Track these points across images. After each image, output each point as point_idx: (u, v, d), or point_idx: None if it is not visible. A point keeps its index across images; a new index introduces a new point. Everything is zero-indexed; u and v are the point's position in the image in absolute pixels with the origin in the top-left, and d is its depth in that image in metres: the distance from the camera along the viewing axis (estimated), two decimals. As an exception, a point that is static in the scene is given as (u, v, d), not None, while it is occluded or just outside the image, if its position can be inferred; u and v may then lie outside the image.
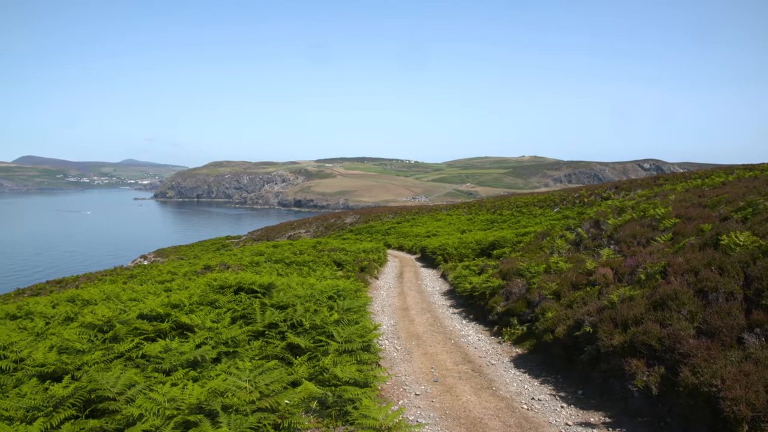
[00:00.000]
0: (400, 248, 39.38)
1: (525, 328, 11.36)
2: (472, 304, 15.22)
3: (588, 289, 10.32)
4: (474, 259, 23.54)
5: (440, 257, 26.39)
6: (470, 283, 15.98)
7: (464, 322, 13.80)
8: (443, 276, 22.34)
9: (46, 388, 5.74)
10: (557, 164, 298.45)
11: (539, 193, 63.92)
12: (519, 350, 10.72)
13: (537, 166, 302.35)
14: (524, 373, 9.27)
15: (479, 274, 17.48)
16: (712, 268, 8.09)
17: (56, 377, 6.30)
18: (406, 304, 16.40)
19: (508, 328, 11.79)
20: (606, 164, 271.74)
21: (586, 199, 40.67)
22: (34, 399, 5.50)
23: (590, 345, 8.21)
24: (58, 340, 7.25)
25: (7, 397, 5.74)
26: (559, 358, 9.24)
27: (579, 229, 16.53)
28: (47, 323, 9.30)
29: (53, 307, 11.33)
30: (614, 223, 15.02)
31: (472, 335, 12.23)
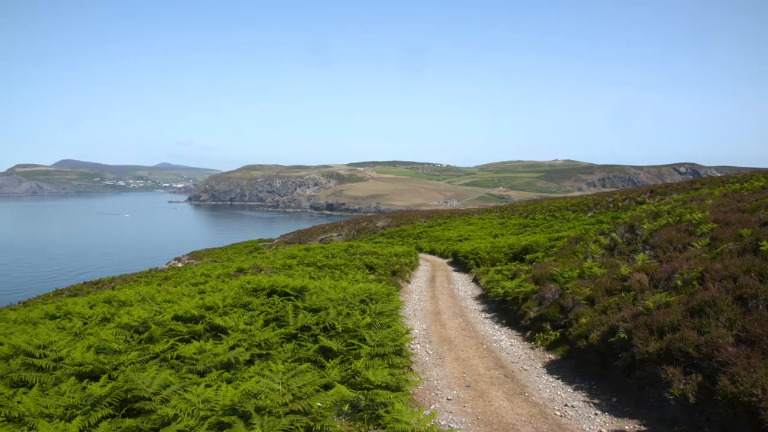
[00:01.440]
0: (432, 252, 39.29)
1: (558, 334, 11.25)
2: (504, 309, 15.12)
3: (623, 294, 10.18)
4: (506, 264, 23.38)
5: (472, 261, 26.27)
6: (503, 288, 15.88)
7: (496, 326, 13.72)
8: (475, 280, 22.23)
9: (84, 387, 5.83)
10: (591, 168, 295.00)
11: (572, 198, 63.23)
12: (552, 356, 10.61)
13: (570, 170, 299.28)
14: (557, 379, 9.18)
15: (512, 278, 17.36)
16: (752, 274, 7.93)
17: (94, 376, 6.40)
18: (437, 308, 16.35)
19: (541, 334, 11.69)
20: (641, 168, 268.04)
21: (620, 204, 40.12)
22: (73, 397, 5.59)
23: (625, 352, 8.10)
24: (96, 340, 7.37)
25: (47, 395, 5.85)
26: (592, 364, 9.13)
27: (613, 234, 16.32)
28: (85, 323, 9.45)
29: (91, 308, 11.51)
30: (649, 227, 14.80)
31: (505, 340, 12.16)
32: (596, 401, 7.94)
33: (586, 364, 9.34)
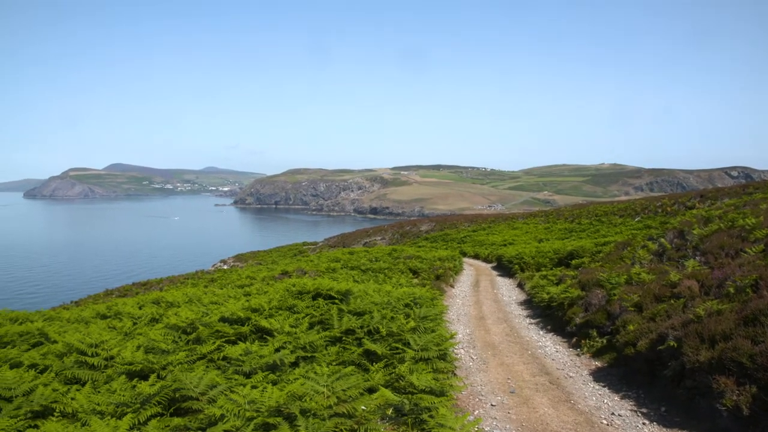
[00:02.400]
0: (476, 257, 39.09)
1: (605, 341, 11.07)
2: (549, 315, 14.95)
3: (672, 301, 9.97)
4: (551, 269, 23.13)
5: (517, 266, 26.06)
6: (548, 293, 15.71)
7: (541, 332, 13.56)
8: (520, 285, 22.03)
9: (134, 386, 5.96)
10: (638, 172, 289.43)
11: (619, 202, 62.17)
12: (598, 363, 10.44)
13: (617, 174, 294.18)
14: (604, 387, 9.03)
15: (557, 284, 17.16)
16: (809, 282, 7.69)
17: (143, 375, 6.54)
18: (481, 313, 16.26)
19: (587, 340, 11.52)
20: (690, 172, 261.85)
21: (669, 208, 39.32)
22: (123, 395, 5.72)
23: (674, 360, 7.92)
24: (145, 340, 7.53)
25: (99, 392, 6.00)
26: (640, 372, 8.96)
27: (662, 240, 16.00)
28: (134, 323, 9.64)
29: (140, 308, 11.74)
30: (700, 233, 14.47)
31: (550, 346, 12.01)
32: (644, 411, 7.78)
33: (634, 373, 9.16)
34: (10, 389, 6.07)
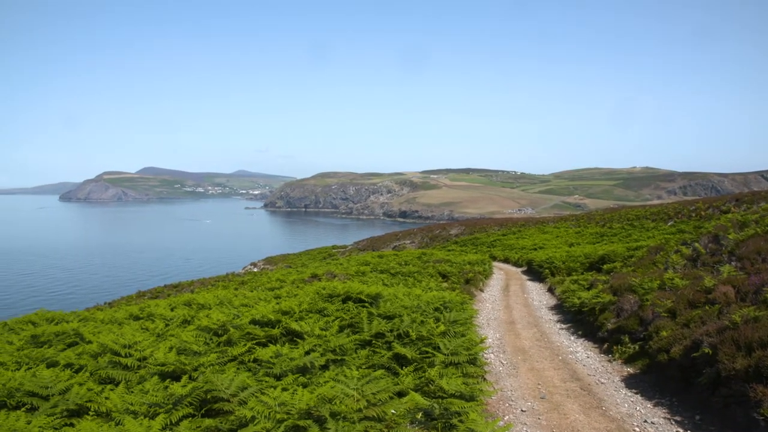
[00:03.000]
0: (506, 261, 38.87)
1: (637, 347, 10.92)
2: (580, 320, 14.80)
3: (707, 307, 9.80)
4: (582, 274, 22.90)
5: (547, 270, 25.86)
6: (579, 298, 15.56)
7: (572, 338, 13.44)
8: (550, 290, 21.86)
9: (166, 387, 6.03)
10: (671, 175, 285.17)
11: (652, 206, 61.31)
12: (630, 369, 10.31)
13: (649, 178, 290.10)
14: (636, 393, 8.91)
15: (588, 288, 16.99)
16: None
17: (175, 376, 6.61)
18: (511, 317, 16.16)
19: (619, 346, 11.38)
20: (725, 175, 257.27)
21: (703, 213, 38.66)
22: (156, 396, 5.80)
23: (709, 368, 7.79)
24: (177, 342, 7.62)
25: (132, 392, 6.09)
26: (674, 379, 8.82)
27: (696, 244, 15.75)
28: (166, 325, 9.76)
29: (171, 310, 11.88)
30: (735, 238, 14.21)
31: (581, 352, 11.89)
32: (678, 419, 7.66)
33: (667, 380, 9.03)
34: (47, 388, 6.19)
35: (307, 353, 7.07)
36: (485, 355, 11.10)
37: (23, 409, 5.86)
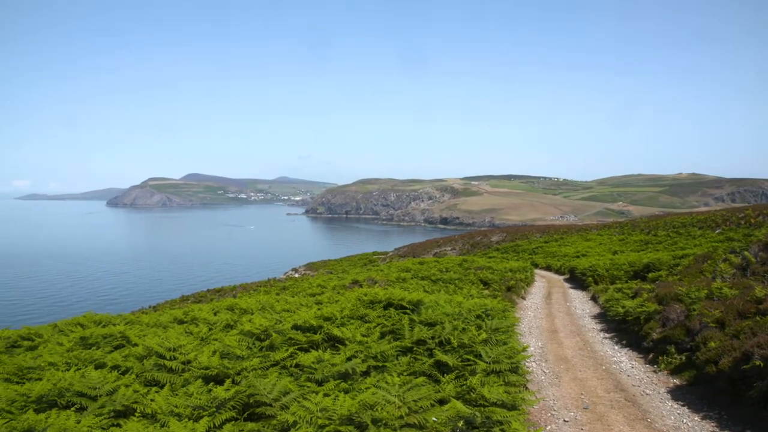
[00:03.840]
0: (548, 268, 38.48)
1: (684, 358, 10.69)
2: (624, 329, 14.54)
3: (758, 318, 9.55)
4: (626, 282, 22.52)
5: (590, 278, 25.51)
6: (623, 307, 15.29)
7: (616, 347, 13.21)
8: (593, 298, 21.54)
9: (210, 390, 6.11)
10: (719, 182, 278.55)
11: (698, 213, 59.98)
12: (677, 381, 10.09)
13: (696, 184, 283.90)
14: (683, 406, 8.71)
15: (633, 297, 16.70)
16: None
17: (218, 380, 6.69)
18: (554, 326, 15.98)
19: (665, 357, 11.15)
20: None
21: (753, 220, 37.70)
22: (200, 399, 5.88)
23: (761, 381, 7.57)
24: (220, 346, 7.71)
25: (177, 395, 6.19)
26: (723, 392, 8.60)
27: (746, 253, 15.35)
28: (210, 329, 9.89)
29: (215, 315, 12.03)
30: (787, 247, 13.83)
31: (625, 362, 11.69)
32: (727, 432, 7.48)
33: (716, 392, 8.81)
34: (95, 389, 6.33)
35: (349, 359, 7.09)
36: (527, 363, 10.99)
37: (73, 408, 6.00)
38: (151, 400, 6.02)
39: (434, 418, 5.72)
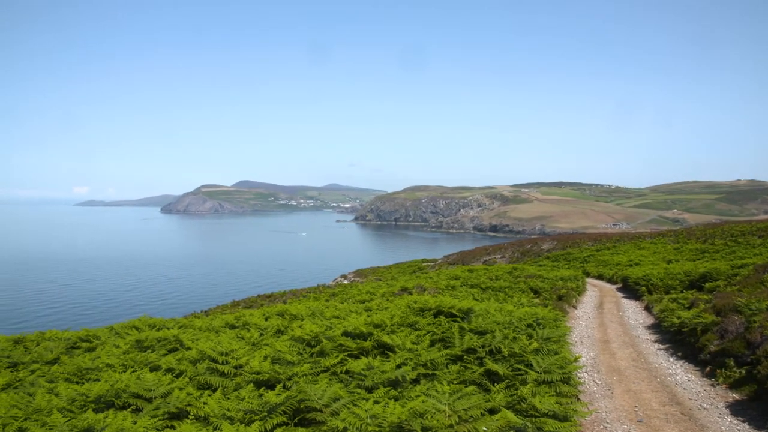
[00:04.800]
0: (600, 277, 37.80)
1: (743, 371, 10.36)
2: (680, 341, 14.18)
3: (821, 331, 9.21)
4: (682, 292, 21.96)
5: (644, 288, 24.95)
6: (678, 318, 14.91)
7: (671, 359, 12.88)
8: (647, 308, 21.06)
9: (261, 394, 6.19)
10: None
11: (758, 221, 58.09)
12: (736, 395, 9.78)
13: (755, 191, 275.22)
14: (743, 422, 8.42)
15: (688, 308, 16.27)
16: None
17: (270, 385, 6.78)
18: (606, 336, 15.68)
19: (723, 370, 10.83)
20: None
21: (816, 230, 36.39)
22: (252, 403, 5.96)
23: (825, 395, 7.30)
24: (271, 351, 7.80)
25: (229, 398, 6.28)
26: (785, 407, 8.32)
27: (809, 264, 14.84)
28: (261, 334, 10.01)
29: (266, 320, 12.18)
30: None
31: (681, 374, 11.39)
32: (790, 450, 7.22)
33: (778, 407, 8.52)
34: (150, 390, 6.48)
35: (399, 367, 7.10)
36: (579, 374, 10.82)
37: (129, 409, 6.16)
38: (204, 403, 6.13)
39: (484, 428, 5.68)
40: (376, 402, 5.89)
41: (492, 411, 6.40)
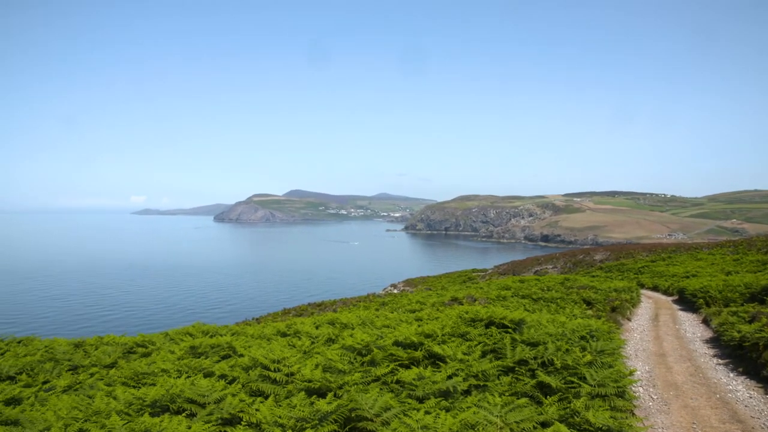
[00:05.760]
0: (655, 288, 36.95)
1: (809, 389, 9.99)
2: (740, 356, 13.73)
3: None
4: (742, 305, 21.27)
5: (701, 300, 24.28)
6: (738, 332, 14.45)
7: (731, 375, 12.48)
8: (705, 321, 20.48)
9: (312, 402, 6.23)
10: None
11: (824, 233, 56.03)
12: (801, 414, 9.43)
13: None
14: (808, 441, 8.12)
15: (750, 322, 15.76)
16: None
17: (321, 393, 6.82)
18: (662, 349, 15.30)
19: (787, 387, 10.46)
20: None
21: None
22: (303, 411, 6.00)
23: None
24: (323, 359, 7.86)
25: (280, 406, 6.34)
26: None
27: None
28: (312, 343, 10.09)
29: (316, 328, 12.27)
30: None
31: (742, 391, 11.02)
32: None
33: None
34: (204, 396, 6.59)
35: (450, 377, 7.06)
36: (634, 388, 10.58)
37: (183, 414, 6.28)
38: (256, 410, 6.20)
39: (537, 441, 5.61)
40: (427, 412, 5.87)
41: (544, 424, 6.31)
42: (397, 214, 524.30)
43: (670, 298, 31.02)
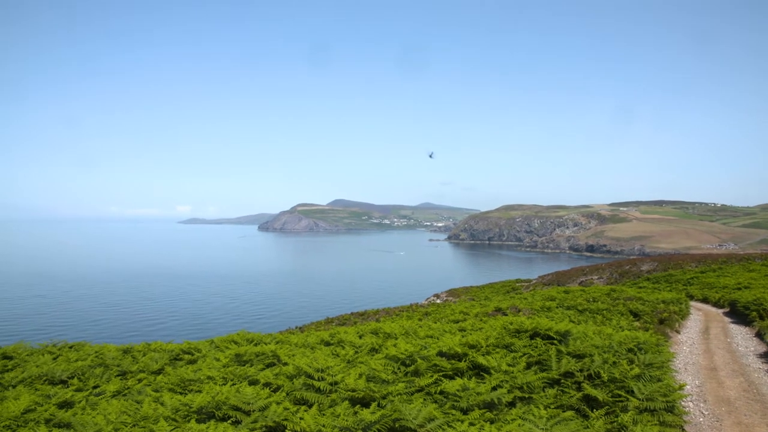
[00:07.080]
0: (705, 300, 36.06)
1: None
2: (796, 371, 13.32)
3: None
4: (798, 318, 20.64)
5: (754, 313, 23.60)
6: (794, 346, 14.03)
7: (787, 391, 12.10)
8: (758, 335, 19.89)
9: (356, 412, 6.24)
10: None
11: None
12: None
13: None
14: None
15: (806, 336, 15.28)
16: None
17: (364, 403, 6.82)
18: (713, 363, 14.90)
19: None
20: None
21: None
22: (346, 420, 6.01)
23: None
24: (366, 369, 7.86)
25: (324, 415, 6.37)
26: None
27: None
28: (356, 352, 10.11)
29: (360, 338, 12.28)
30: None
31: (798, 408, 10.67)
32: None
33: None
34: (249, 404, 6.65)
35: (494, 389, 7.00)
36: (684, 403, 10.32)
37: (229, 421, 6.35)
38: (300, 418, 6.23)
39: (584, 455, 5.51)
40: (472, 424, 5.83)
41: (591, 438, 6.21)
42: (440, 224, 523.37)
43: (720, 311, 30.24)
